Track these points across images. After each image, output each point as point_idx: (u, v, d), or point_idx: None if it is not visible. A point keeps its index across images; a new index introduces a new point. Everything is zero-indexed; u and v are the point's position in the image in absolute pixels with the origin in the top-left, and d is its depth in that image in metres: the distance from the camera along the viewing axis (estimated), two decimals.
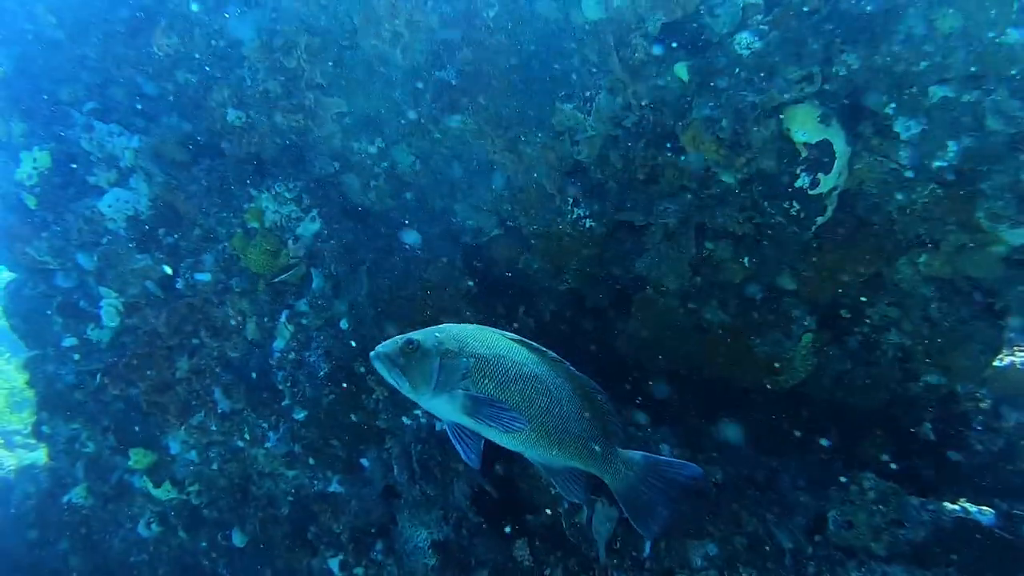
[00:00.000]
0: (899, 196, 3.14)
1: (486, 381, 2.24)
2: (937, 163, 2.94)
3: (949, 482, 3.80)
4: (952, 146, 2.87)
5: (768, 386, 4.06)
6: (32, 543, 6.01)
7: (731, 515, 3.93)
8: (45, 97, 4.09)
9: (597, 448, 2.34)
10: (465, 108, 3.24)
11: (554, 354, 2.35)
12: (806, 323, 3.87)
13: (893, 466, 3.99)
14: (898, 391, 3.99)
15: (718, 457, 4.13)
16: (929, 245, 3.43)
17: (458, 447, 2.27)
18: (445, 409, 2.27)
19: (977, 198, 3.00)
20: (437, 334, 2.28)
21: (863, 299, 3.77)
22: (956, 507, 3.57)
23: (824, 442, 4.15)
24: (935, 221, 3.31)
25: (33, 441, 5.95)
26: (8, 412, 7.86)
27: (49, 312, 4.30)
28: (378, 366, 2.24)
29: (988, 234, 3.17)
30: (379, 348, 2.27)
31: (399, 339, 2.28)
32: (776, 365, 3.95)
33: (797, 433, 4.21)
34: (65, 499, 5.39)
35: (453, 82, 3.21)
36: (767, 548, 3.72)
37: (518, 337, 2.35)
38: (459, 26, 3.10)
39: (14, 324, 4.58)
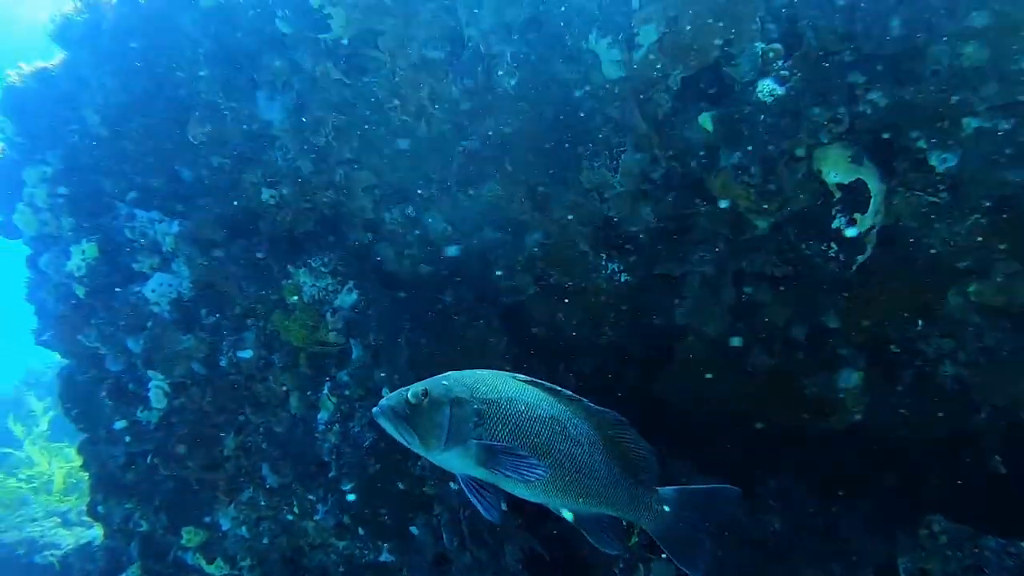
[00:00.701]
0: (940, 228, 3.07)
1: (500, 427, 2.07)
2: (977, 193, 2.88)
3: None
4: (991, 175, 2.81)
5: (821, 428, 3.95)
6: None
7: (791, 566, 3.79)
8: (91, 191, 4.26)
9: (627, 490, 2.16)
10: (492, 176, 3.28)
11: (569, 392, 2.19)
12: (855, 361, 3.77)
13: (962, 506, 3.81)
14: (960, 425, 3.84)
15: (774, 505, 4.01)
16: (977, 274, 3.34)
17: (476, 503, 2.10)
18: (458, 463, 2.10)
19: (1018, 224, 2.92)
20: (444, 382, 2.12)
21: (914, 332, 3.67)
22: None
23: (886, 483, 4.00)
24: (981, 251, 3.22)
25: (89, 519, 6.06)
26: (64, 493, 8.02)
27: (100, 395, 4.40)
28: (383, 423, 2.07)
29: None
30: (382, 403, 2.10)
31: (403, 391, 2.12)
32: (827, 406, 3.84)
33: (855, 475, 4.06)
34: None
35: (479, 151, 3.26)
36: None
37: (529, 378, 2.20)
38: (481, 96, 3.16)
39: (68, 408, 4.69)
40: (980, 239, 3.15)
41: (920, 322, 3.64)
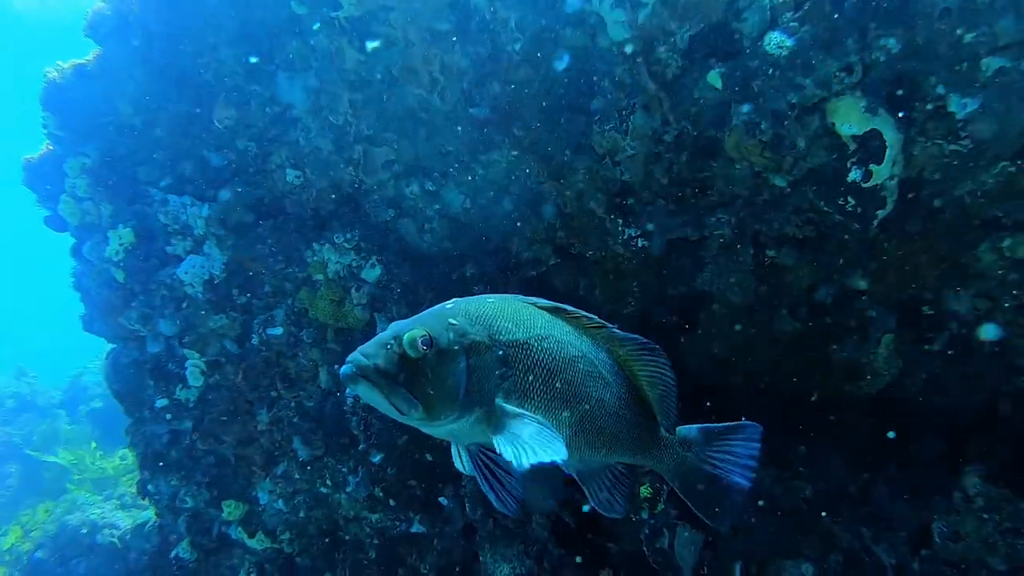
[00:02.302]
0: (966, 179, 2.96)
1: (529, 377, 1.64)
2: (1003, 139, 2.77)
3: None
4: (1016, 118, 2.70)
5: (852, 393, 3.86)
6: None
7: (824, 532, 3.73)
8: (127, 179, 4.43)
9: (650, 434, 1.84)
10: (500, 142, 3.30)
11: (593, 316, 1.78)
12: (885, 323, 3.68)
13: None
14: (1003, 388, 3.71)
15: (805, 472, 3.94)
16: (1011, 227, 3.21)
17: (488, 492, 1.64)
18: (469, 431, 1.63)
19: None
20: (452, 320, 1.59)
21: (947, 293, 3.55)
22: None
23: (922, 450, 3.89)
24: (1013, 201, 3.10)
25: (144, 502, 6.33)
26: (121, 478, 8.40)
27: (143, 376, 4.59)
28: (363, 391, 1.51)
29: None
30: (356, 358, 1.52)
31: (387, 338, 1.55)
32: (857, 371, 3.76)
33: (889, 442, 3.96)
34: (173, 554, 5.65)
35: (487, 117, 3.28)
36: (866, 565, 3.50)
37: (550, 303, 1.78)
38: (488, 64, 3.18)
39: (115, 391, 4.91)
40: (1010, 188, 3.03)
41: (954, 282, 3.53)
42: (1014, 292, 3.44)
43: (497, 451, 1.52)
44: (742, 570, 3.74)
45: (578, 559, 3.88)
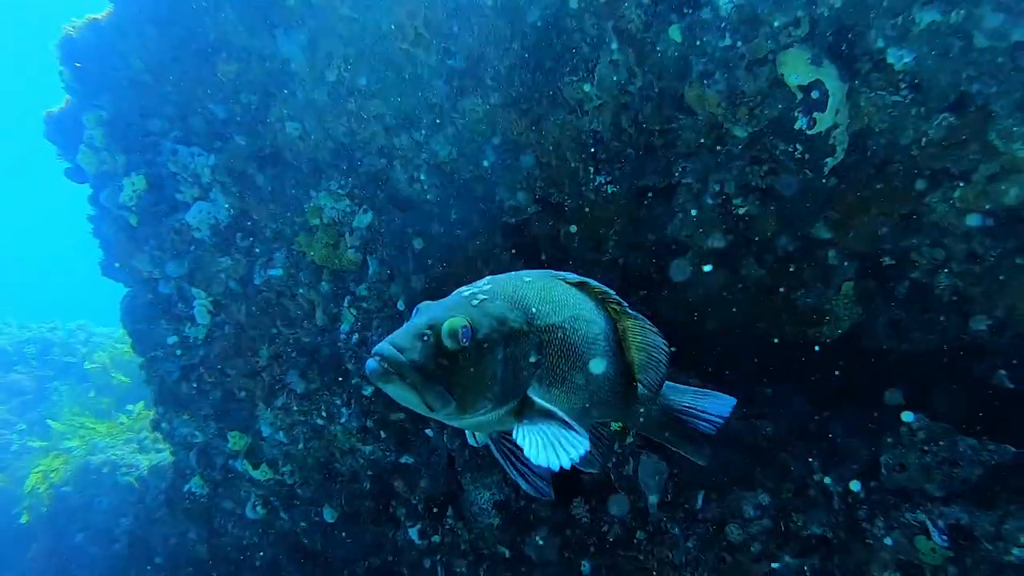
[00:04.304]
0: (909, 129, 3.14)
1: (560, 361, 1.55)
2: (939, 90, 2.94)
3: None
4: (947, 69, 2.87)
5: (815, 337, 4.07)
6: (167, 535, 6.77)
7: (780, 464, 3.98)
8: (139, 131, 4.73)
9: (636, 397, 1.80)
10: (473, 90, 3.53)
11: (613, 293, 1.74)
12: (845, 271, 3.87)
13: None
14: (962, 338, 3.90)
15: (769, 412, 4.18)
16: (959, 178, 3.38)
17: (518, 478, 1.57)
18: (494, 423, 1.53)
19: (989, 121, 2.97)
20: (491, 307, 1.46)
21: (906, 243, 3.73)
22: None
23: (882, 394, 4.10)
24: (957, 152, 3.28)
25: (164, 445, 6.72)
26: (141, 424, 8.84)
27: (156, 317, 4.93)
28: (393, 391, 1.37)
29: (1013, 157, 3.12)
30: (391, 353, 1.36)
31: (420, 327, 1.40)
32: (819, 316, 3.96)
33: (851, 385, 4.18)
34: (186, 489, 6.03)
35: (462, 68, 3.51)
36: (813, 493, 3.75)
37: (578, 277, 1.72)
38: (462, 16, 3.40)
39: (131, 331, 5.27)
40: (953, 139, 3.20)
41: (910, 232, 3.71)
42: (967, 242, 3.61)
43: (519, 444, 1.42)
44: (704, 499, 4.00)
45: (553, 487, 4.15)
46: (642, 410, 1.88)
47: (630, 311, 1.75)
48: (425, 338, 1.38)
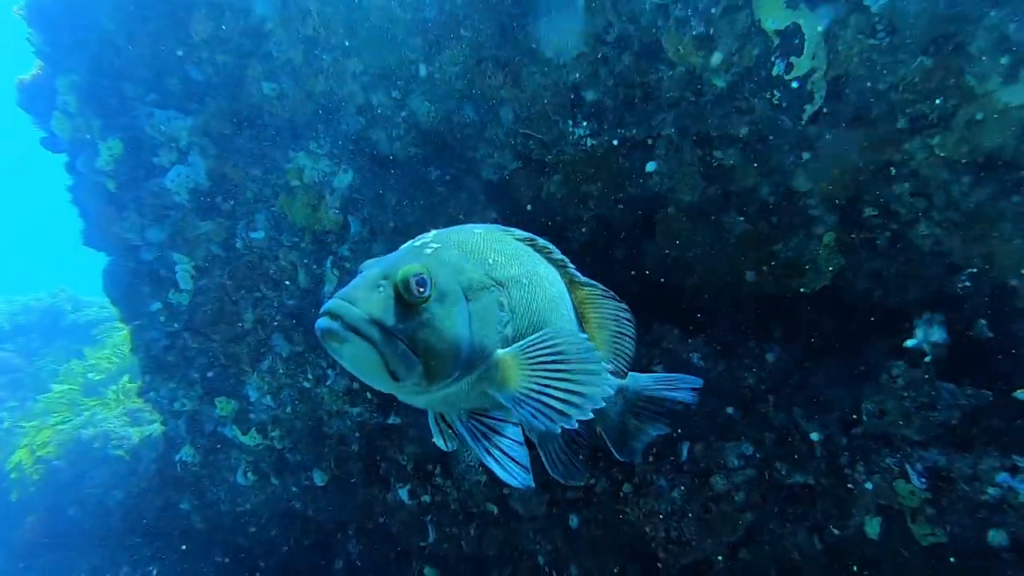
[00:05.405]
0: (888, 73, 3.13)
1: (523, 322, 1.38)
2: (915, 32, 2.92)
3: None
4: (925, 11, 2.85)
5: (798, 288, 4.08)
6: (160, 506, 6.78)
7: (762, 415, 4.02)
8: (114, 94, 4.66)
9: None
10: (449, 42, 3.49)
11: (557, 251, 1.62)
12: (826, 221, 3.87)
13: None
14: (944, 288, 3.92)
15: (751, 364, 4.21)
16: (938, 124, 3.37)
17: (494, 465, 1.33)
18: (464, 395, 1.35)
19: (965, 62, 2.96)
20: (445, 254, 1.31)
21: (885, 192, 3.73)
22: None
23: (864, 340, 4.12)
24: (936, 97, 3.26)
25: (156, 416, 6.71)
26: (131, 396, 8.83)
27: (138, 284, 4.90)
28: (349, 353, 1.18)
29: (988, 98, 3.11)
30: (343, 308, 1.18)
31: (376, 277, 1.24)
32: (801, 267, 3.97)
33: (834, 336, 4.20)
34: (177, 458, 6.04)
35: (434, 19, 3.46)
36: (794, 442, 3.79)
37: (526, 234, 1.59)
38: None
39: (114, 299, 5.24)
40: (931, 83, 3.19)
41: (890, 181, 3.70)
42: (945, 190, 3.61)
43: (513, 413, 1.30)
44: (688, 450, 4.05)
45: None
46: (615, 400, 1.69)
47: (580, 276, 1.61)
48: (381, 288, 1.21)
